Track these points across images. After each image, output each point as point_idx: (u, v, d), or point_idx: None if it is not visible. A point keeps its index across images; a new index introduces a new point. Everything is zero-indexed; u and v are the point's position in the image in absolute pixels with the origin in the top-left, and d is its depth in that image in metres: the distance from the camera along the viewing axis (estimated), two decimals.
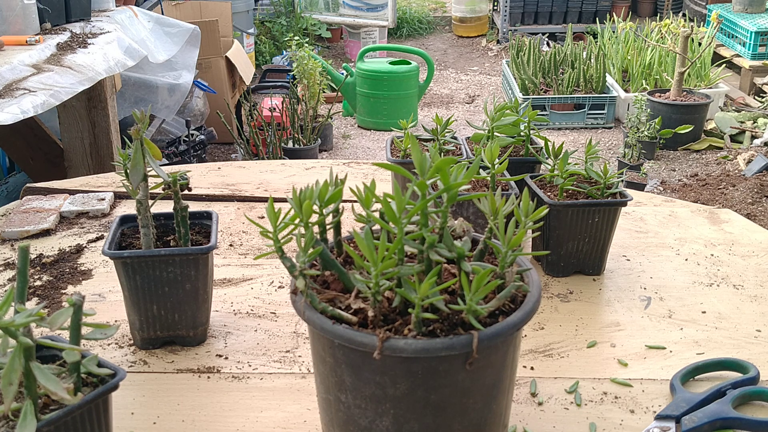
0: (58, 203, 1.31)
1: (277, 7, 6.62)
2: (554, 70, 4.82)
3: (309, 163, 1.55)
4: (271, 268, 1.11)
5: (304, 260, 0.62)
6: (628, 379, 0.84)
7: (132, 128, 0.81)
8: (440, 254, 0.61)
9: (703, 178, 3.81)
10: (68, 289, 1.05)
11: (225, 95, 4.16)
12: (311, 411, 0.79)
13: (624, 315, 0.97)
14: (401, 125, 1.18)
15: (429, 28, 7.69)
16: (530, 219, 0.65)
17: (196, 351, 0.90)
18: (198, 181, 1.44)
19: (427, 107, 5.34)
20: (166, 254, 0.84)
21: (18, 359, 0.55)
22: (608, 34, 5.35)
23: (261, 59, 6.06)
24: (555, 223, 1.02)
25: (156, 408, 0.80)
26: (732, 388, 0.79)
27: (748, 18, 5.23)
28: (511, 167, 1.16)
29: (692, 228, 1.23)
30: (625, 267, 1.10)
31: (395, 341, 0.57)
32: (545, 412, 0.79)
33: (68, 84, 2.13)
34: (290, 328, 0.95)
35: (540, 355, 0.89)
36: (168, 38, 3.10)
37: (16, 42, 2.28)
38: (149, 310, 0.87)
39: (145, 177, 0.84)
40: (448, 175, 0.61)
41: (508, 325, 0.59)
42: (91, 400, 0.60)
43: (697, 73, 4.74)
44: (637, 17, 6.79)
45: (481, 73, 6.22)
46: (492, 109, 1.12)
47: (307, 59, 4.13)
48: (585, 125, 4.70)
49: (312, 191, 0.64)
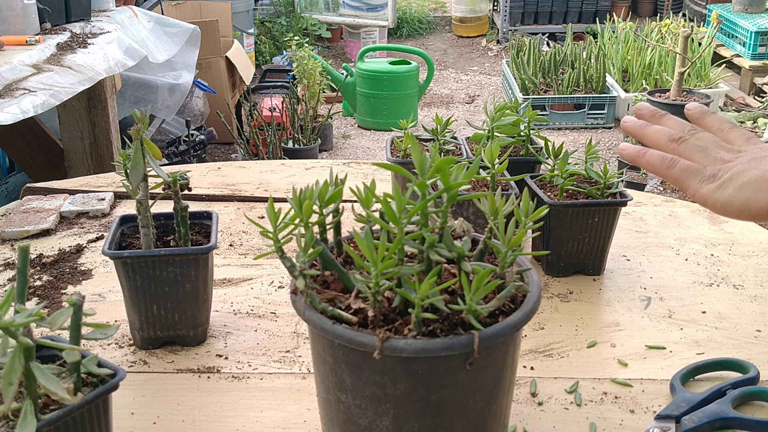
0: (58, 203, 1.31)
1: (277, 7, 6.63)
2: (554, 70, 4.82)
3: (309, 163, 1.55)
4: (271, 268, 1.11)
5: (304, 260, 0.62)
6: (628, 379, 0.84)
7: (132, 128, 0.81)
8: (440, 254, 0.61)
9: None
10: (68, 289, 1.05)
11: (225, 95, 4.16)
12: (311, 411, 0.79)
13: (624, 315, 0.97)
14: (401, 125, 1.18)
15: (429, 28, 7.69)
16: (530, 219, 0.65)
17: (196, 351, 0.90)
18: (198, 181, 1.44)
19: (427, 107, 5.35)
20: (166, 254, 0.84)
21: (18, 359, 0.55)
22: (608, 34, 5.35)
23: (261, 59, 6.06)
24: (555, 223, 1.02)
25: (156, 408, 0.80)
26: (732, 388, 0.79)
27: (748, 18, 5.23)
28: (511, 167, 1.16)
29: (692, 228, 1.23)
30: (625, 267, 1.10)
31: (395, 341, 0.57)
32: (545, 412, 0.79)
33: (68, 84, 2.13)
34: (290, 328, 0.95)
35: (540, 355, 0.89)
36: (168, 38, 3.10)
37: (16, 42, 2.28)
38: (149, 310, 0.87)
39: (145, 177, 0.84)
40: (448, 175, 0.61)
41: (508, 325, 0.59)
42: (91, 400, 0.60)
43: (697, 73, 4.74)
44: (637, 17, 6.79)
45: (481, 73, 6.22)
46: (492, 109, 1.12)
47: (307, 59, 4.14)
48: (585, 125, 4.70)
49: (312, 191, 0.64)
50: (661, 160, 0.64)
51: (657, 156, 0.64)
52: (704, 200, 0.61)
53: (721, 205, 0.60)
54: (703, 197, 0.61)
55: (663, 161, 0.64)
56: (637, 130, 0.69)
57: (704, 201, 0.62)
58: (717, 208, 0.61)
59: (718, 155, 0.64)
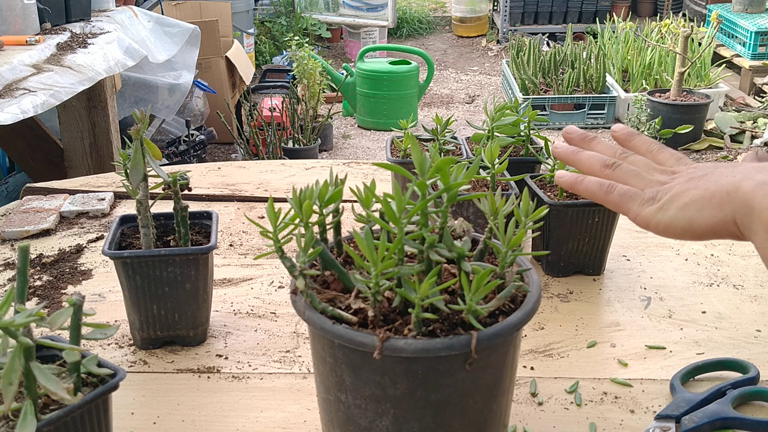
0: (58, 203, 1.31)
1: (277, 7, 6.62)
2: (554, 70, 4.82)
3: (309, 163, 1.55)
4: (271, 268, 1.11)
5: (304, 260, 0.62)
6: (628, 379, 0.84)
7: (132, 128, 0.81)
8: (440, 254, 0.61)
9: None
10: (68, 289, 1.05)
11: (225, 95, 4.16)
12: (311, 411, 0.79)
13: (624, 315, 0.97)
14: (401, 125, 1.18)
15: (429, 28, 7.69)
16: (530, 219, 0.65)
17: (196, 351, 0.90)
18: (198, 181, 1.44)
19: (427, 107, 5.35)
20: (166, 254, 0.84)
21: (18, 359, 0.55)
22: (608, 34, 5.35)
23: (261, 59, 6.06)
24: (555, 223, 1.02)
25: (156, 408, 0.80)
26: (732, 388, 0.79)
27: (748, 18, 5.23)
28: (511, 167, 1.16)
29: None
30: (625, 267, 1.10)
31: (395, 341, 0.57)
32: (545, 412, 0.79)
33: (68, 84, 2.13)
34: (290, 328, 0.95)
35: (540, 355, 0.89)
36: (168, 38, 3.10)
37: (16, 42, 2.28)
38: (149, 310, 0.87)
39: (145, 177, 0.84)
40: (448, 175, 0.61)
41: (508, 325, 0.59)
42: (91, 400, 0.60)
43: (697, 73, 4.74)
44: (637, 17, 6.79)
45: (481, 73, 6.22)
46: (492, 109, 1.12)
47: (307, 59, 4.14)
48: (585, 125, 4.70)
49: (312, 191, 0.64)
50: (599, 186, 0.64)
51: (594, 182, 0.64)
52: (646, 223, 0.61)
53: (664, 226, 0.60)
54: (644, 220, 0.61)
55: (601, 187, 0.64)
56: (569, 156, 0.68)
57: (646, 224, 0.61)
58: (660, 230, 0.60)
59: (653, 177, 0.63)
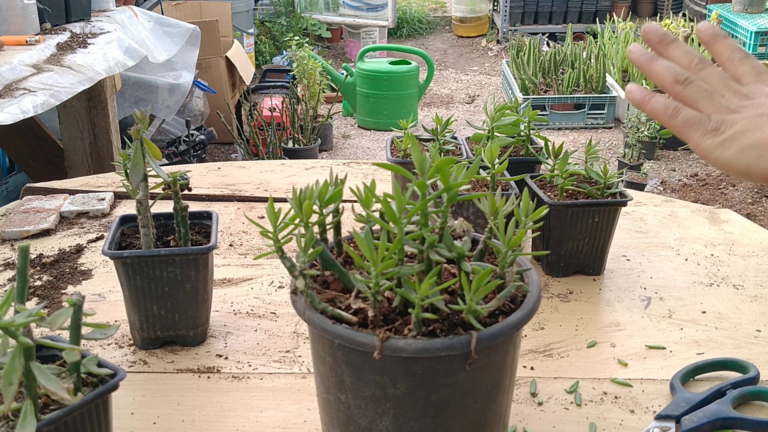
0: (58, 203, 1.31)
1: (277, 7, 6.62)
2: (554, 70, 4.82)
3: (309, 163, 1.55)
4: (271, 268, 1.11)
5: (304, 260, 0.62)
6: (628, 379, 0.84)
7: (132, 128, 0.81)
8: (440, 254, 0.61)
9: (703, 178, 3.81)
10: (68, 289, 1.05)
11: (225, 95, 4.15)
12: (311, 411, 0.79)
13: (624, 315, 0.97)
14: (401, 125, 1.18)
15: (429, 28, 7.69)
16: (530, 219, 0.65)
17: (196, 351, 0.90)
18: (198, 181, 1.44)
19: (427, 107, 5.35)
20: (166, 254, 0.84)
21: (18, 359, 0.55)
22: (608, 34, 5.35)
23: (261, 59, 6.06)
24: (555, 223, 1.02)
25: (156, 408, 0.80)
26: (732, 388, 0.79)
27: (748, 18, 5.23)
28: (511, 167, 1.16)
29: (692, 228, 1.23)
30: (625, 267, 1.10)
31: (395, 341, 0.57)
32: (545, 412, 0.79)
33: (68, 84, 2.13)
34: (290, 328, 0.95)
35: (540, 355, 0.89)
36: (168, 38, 3.10)
37: (16, 42, 2.28)
38: (149, 310, 0.87)
39: (145, 177, 0.84)
40: (448, 175, 0.61)
41: (508, 325, 0.59)
42: (91, 400, 0.60)
43: None
44: (637, 17, 6.79)
45: (481, 73, 6.22)
46: (492, 109, 1.12)
47: (307, 59, 4.14)
48: (585, 125, 4.70)
49: (312, 191, 0.64)
50: (665, 108, 0.63)
51: (661, 104, 0.63)
52: (705, 155, 0.61)
53: (722, 164, 0.60)
54: (704, 152, 0.61)
55: (666, 110, 0.63)
56: (643, 65, 0.66)
57: (705, 156, 0.61)
58: (717, 166, 0.61)
59: (723, 102, 0.62)
